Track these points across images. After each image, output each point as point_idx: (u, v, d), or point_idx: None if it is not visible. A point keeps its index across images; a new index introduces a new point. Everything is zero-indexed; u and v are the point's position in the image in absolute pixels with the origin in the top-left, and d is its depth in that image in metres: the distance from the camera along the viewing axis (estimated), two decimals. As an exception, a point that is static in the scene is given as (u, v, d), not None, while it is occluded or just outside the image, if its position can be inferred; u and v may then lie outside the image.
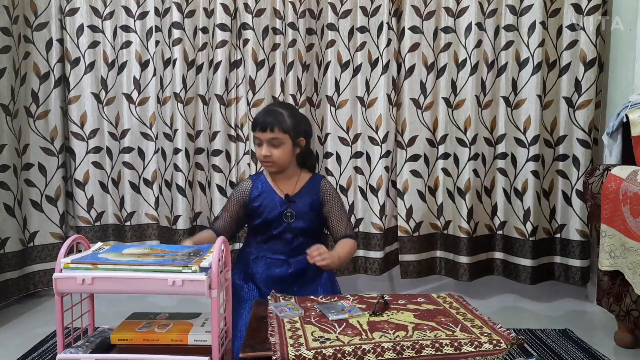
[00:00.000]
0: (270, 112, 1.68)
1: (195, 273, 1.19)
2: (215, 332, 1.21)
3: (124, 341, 1.29)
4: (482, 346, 1.19)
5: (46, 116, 2.38)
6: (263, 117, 1.67)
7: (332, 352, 1.15)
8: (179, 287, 1.18)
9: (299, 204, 1.71)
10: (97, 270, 1.23)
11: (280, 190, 1.72)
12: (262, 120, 1.66)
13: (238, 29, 2.41)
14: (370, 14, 2.39)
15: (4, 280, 2.24)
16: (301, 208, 1.71)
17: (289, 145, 1.68)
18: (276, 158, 1.67)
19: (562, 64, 2.34)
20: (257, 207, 1.72)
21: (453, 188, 2.44)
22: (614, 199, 1.79)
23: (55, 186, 2.40)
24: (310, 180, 1.76)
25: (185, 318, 1.38)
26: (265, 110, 1.72)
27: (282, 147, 1.66)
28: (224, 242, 1.30)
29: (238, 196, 1.76)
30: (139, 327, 1.32)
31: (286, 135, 1.66)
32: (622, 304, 1.83)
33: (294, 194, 1.72)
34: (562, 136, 2.37)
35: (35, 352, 1.86)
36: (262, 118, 1.67)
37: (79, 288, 1.23)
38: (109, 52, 2.45)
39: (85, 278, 1.21)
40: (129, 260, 1.25)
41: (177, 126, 2.40)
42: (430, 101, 2.42)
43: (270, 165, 1.69)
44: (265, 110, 1.73)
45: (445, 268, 2.49)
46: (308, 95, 2.44)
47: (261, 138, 1.66)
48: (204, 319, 1.38)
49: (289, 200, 1.70)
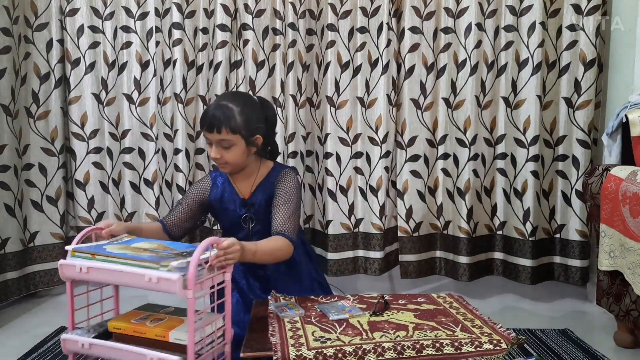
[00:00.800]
0: (219, 107, 1.48)
1: (169, 272, 1.18)
2: (191, 332, 1.19)
3: (118, 330, 1.31)
4: (483, 346, 1.20)
5: (47, 116, 2.38)
6: (210, 115, 1.47)
7: (333, 352, 1.16)
8: (155, 284, 1.19)
9: (256, 205, 1.57)
10: (93, 260, 1.26)
11: (240, 191, 1.60)
12: (209, 119, 1.47)
13: (238, 29, 2.41)
14: (370, 14, 2.40)
15: (4, 280, 2.24)
16: (258, 210, 1.57)
17: (241, 145, 1.50)
18: (228, 160, 1.51)
19: (562, 65, 2.34)
20: (217, 208, 1.60)
21: (453, 188, 2.44)
22: (613, 199, 1.79)
23: (55, 186, 2.40)
24: (268, 174, 1.59)
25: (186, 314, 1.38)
26: (213, 106, 1.50)
27: (234, 149, 1.49)
28: (214, 241, 1.25)
29: (196, 193, 1.63)
30: (136, 319, 1.33)
31: (237, 135, 1.48)
32: (622, 304, 1.83)
33: (250, 195, 1.58)
34: (561, 136, 2.37)
35: (35, 352, 1.86)
36: (209, 116, 1.47)
37: (78, 276, 1.26)
38: (110, 53, 2.45)
39: (82, 267, 1.24)
40: (122, 254, 1.26)
41: (178, 126, 2.41)
42: (430, 101, 2.42)
43: (223, 166, 1.55)
44: (213, 105, 1.50)
45: (445, 268, 2.49)
46: (308, 95, 2.44)
47: (210, 139, 1.50)
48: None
49: (247, 204, 1.57)
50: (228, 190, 1.61)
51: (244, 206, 1.58)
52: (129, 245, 1.34)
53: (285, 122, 2.41)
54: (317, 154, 2.50)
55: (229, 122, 1.46)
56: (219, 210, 1.63)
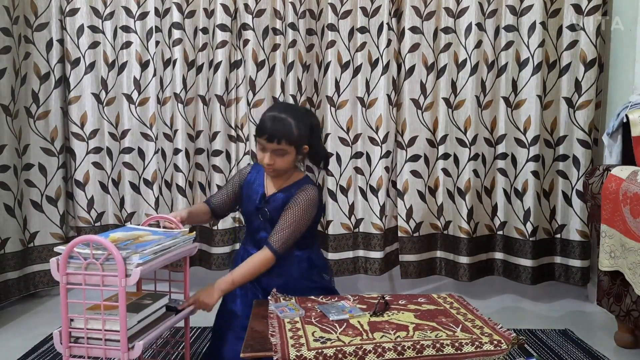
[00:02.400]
0: (279, 120, 1.59)
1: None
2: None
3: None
4: (483, 346, 1.19)
5: (46, 116, 2.38)
6: (271, 127, 1.58)
7: (333, 353, 1.15)
8: None
9: (274, 203, 1.66)
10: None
11: (267, 186, 1.70)
12: (270, 131, 1.58)
13: (238, 29, 2.41)
14: (370, 14, 2.39)
15: (4, 280, 2.24)
16: (273, 209, 1.66)
17: (293, 154, 1.62)
18: (278, 166, 1.63)
19: (562, 64, 2.34)
20: (244, 192, 1.74)
21: (453, 188, 2.44)
22: (614, 199, 1.79)
23: (55, 186, 2.40)
24: (296, 182, 1.69)
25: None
26: (272, 118, 1.60)
27: (286, 157, 1.61)
28: (81, 239, 1.29)
29: (238, 178, 1.79)
30: None
31: (292, 146, 1.60)
32: (622, 304, 1.83)
33: (272, 194, 1.68)
34: (562, 136, 2.37)
35: (35, 352, 1.86)
36: (270, 127, 1.58)
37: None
38: (109, 53, 2.45)
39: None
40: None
41: (177, 126, 2.41)
42: (430, 101, 2.42)
43: (272, 171, 1.65)
44: (272, 117, 1.61)
45: (446, 268, 2.49)
46: (308, 95, 2.44)
47: (266, 146, 1.60)
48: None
49: (265, 200, 1.67)
50: (259, 181, 1.73)
51: (263, 200, 1.68)
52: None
53: (286, 122, 2.40)
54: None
55: (288, 136, 1.58)
56: (245, 195, 1.74)
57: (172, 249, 1.42)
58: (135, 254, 1.26)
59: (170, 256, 1.40)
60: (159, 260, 1.35)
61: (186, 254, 1.52)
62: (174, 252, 1.42)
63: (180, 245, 1.46)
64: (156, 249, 1.33)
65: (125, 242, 1.32)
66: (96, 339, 1.29)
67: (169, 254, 1.40)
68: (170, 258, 1.41)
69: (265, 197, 1.68)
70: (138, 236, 1.39)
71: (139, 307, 1.37)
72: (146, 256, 1.28)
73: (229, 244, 2.47)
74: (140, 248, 1.30)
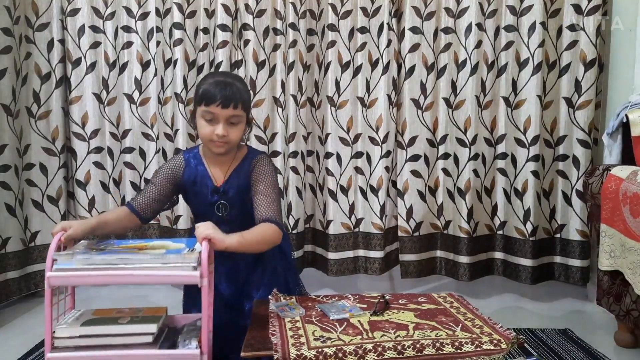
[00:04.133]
0: (229, 84, 1.45)
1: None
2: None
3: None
4: (483, 346, 1.20)
5: (47, 116, 2.38)
6: (223, 91, 1.44)
7: (333, 352, 1.16)
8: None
9: (229, 192, 1.54)
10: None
11: (214, 176, 1.56)
12: (223, 95, 1.43)
13: (239, 29, 2.41)
14: (370, 14, 2.40)
15: (5, 279, 2.24)
16: (232, 197, 1.53)
17: (244, 123, 1.51)
18: (232, 138, 1.48)
19: (562, 64, 2.34)
20: (189, 191, 1.57)
21: (453, 188, 2.44)
22: (613, 199, 1.79)
23: (56, 186, 2.41)
24: (243, 159, 1.56)
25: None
26: (221, 82, 1.46)
27: (239, 126, 1.48)
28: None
29: (168, 172, 1.58)
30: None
31: (244, 112, 1.48)
32: (622, 303, 1.83)
33: (224, 181, 1.55)
34: (562, 136, 2.38)
35: (36, 352, 1.86)
36: (222, 92, 1.44)
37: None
38: (110, 53, 2.46)
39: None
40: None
41: (178, 126, 2.41)
42: (430, 101, 2.43)
43: (222, 145, 1.49)
44: (220, 82, 1.46)
45: (446, 268, 2.49)
46: (309, 95, 2.45)
47: (219, 115, 1.45)
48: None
49: (219, 192, 1.54)
50: (201, 173, 1.56)
51: (216, 193, 1.55)
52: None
53: (286, 122, 2.41)
54: (317, 154, 2.50)
55: (243, 99, 1.46)
56: (191, 194, 1.59)
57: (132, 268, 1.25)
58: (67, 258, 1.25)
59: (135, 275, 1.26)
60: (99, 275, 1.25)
61: (175, 281, 1.35)
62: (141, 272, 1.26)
63: (161, 267, 1.26)
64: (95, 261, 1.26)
65: (111, 249, 1.31)
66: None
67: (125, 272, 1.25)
68: (141, 278, 1.27)
69: (218, 190, 1.54)
70: (143, 247, 1.36)
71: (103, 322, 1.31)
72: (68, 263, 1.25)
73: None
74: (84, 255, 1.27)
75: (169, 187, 1.59)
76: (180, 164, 1.59)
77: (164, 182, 1.58)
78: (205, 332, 1.27)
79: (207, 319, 1.28)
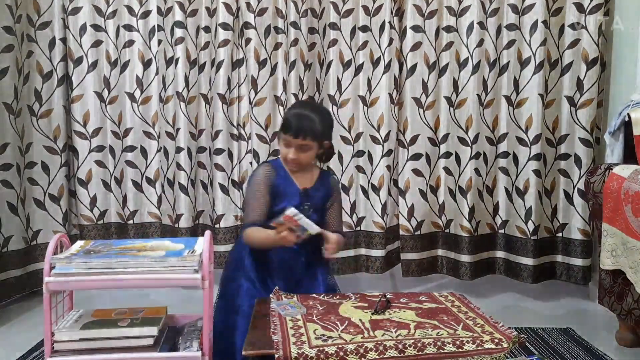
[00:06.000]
0: (304, 117, 1.68)
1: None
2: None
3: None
4: (484, 345, 1.20)
5: (49, 115, 2.38)
6: (298, 123, 1.66)
7: (335, 350, 1.16)
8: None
9: (315, 198, 1.75)
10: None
11: (298, 182, 1.75)
12: (297, 127, 1.66)
13: (240, 28, 2.41)
14: (372, 13, 2.39)
15: (7, 278, 2.25)
16: (316, 202, 1.75)
17: (315, 149, 1.71)
18: (302, 160, 1.70)
19: (564, 63, 2.34)
20: (278, 193, 1.73)
21: (454, 187, 2.44)
22: (615, 198, 1.79)
23: (58, 184, 2.41)
24: (321, 175, 1.81)
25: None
26: (298, 115, 1.70)
27: (309, 152, 1.70)
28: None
29: (265, 181, 1.74)
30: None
31: (315, 142, 1.69)
32: (624, 303, 1.83)
33: (311, 187, 1.76)
34: (563, 135, 2.37)
35: (38, 350, 1.87)
36: (297, 124, 1.66)
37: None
38: (112, 51, 2.46)
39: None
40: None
41: (180, 125, 2.41)
42: (432, 100, 2.42)
43: (294, 165, 1.72)
44: (298, 114, 1.71)
45: (447, 267, 2.49)
46: (310, 94, 2.44)
47: (291, 142, 1.68)
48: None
49: (307, 194, 1.74)
50: (288, 178, 1.76)
51: (302, 196, 1.74)
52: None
53: (287, 121, 2.40)
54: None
55: (314, 131, 1.67)
56: (278, 193, 1.74)
57: (135, 272, 1.25)
58: (65, 262, 1.22)
59: (134, 279, 1.25)
60: (99, 279, 1.24)
61: (175, 284, 1.30)
62: (142, 275, 1.25)
63: (161, 270, 1.26)
64: (94, 265, 1.24)
65: (109, 251, 1.31)
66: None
67: (124, 276, 1.25)
68: (139, 282, 1.26)
69: (305, 193, 1.74)
70: (142, 248, 1.36)
71: (102, 324, 1.30)
72: (67, 267, 1.22)
73: (232, 242, 2.48)
74: (83, 259, 1.25)
75: (268, 190, 1.75)
76: (272, 172, 1.76)
77: (264, 189, 1.74)
78: (206, 333, 1.27)
79: (207, 320, 1.28)
